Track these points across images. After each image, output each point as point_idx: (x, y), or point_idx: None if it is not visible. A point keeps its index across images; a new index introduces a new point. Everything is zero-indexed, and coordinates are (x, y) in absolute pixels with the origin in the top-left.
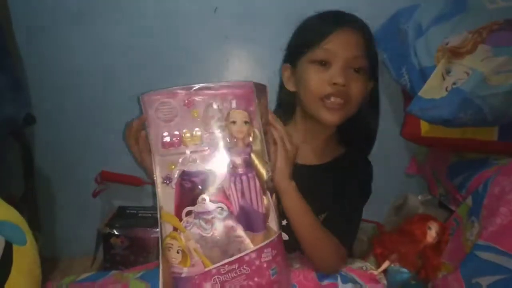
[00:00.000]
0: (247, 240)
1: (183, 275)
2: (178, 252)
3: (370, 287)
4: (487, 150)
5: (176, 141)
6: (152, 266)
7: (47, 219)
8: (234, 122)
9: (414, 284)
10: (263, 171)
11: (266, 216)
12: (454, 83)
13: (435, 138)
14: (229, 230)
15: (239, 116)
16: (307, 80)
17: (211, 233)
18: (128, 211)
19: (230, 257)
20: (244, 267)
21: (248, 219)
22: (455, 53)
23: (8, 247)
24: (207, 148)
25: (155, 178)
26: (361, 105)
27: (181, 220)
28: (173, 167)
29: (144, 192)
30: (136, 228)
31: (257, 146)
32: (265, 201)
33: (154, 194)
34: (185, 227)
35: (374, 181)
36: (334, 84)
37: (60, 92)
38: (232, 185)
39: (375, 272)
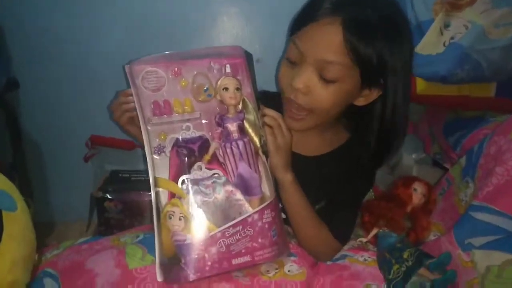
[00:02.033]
0: (246, 204)
1: (186, 242)
2: (180, 219)
3: (357, 256)
4: (484, 107)
5: (167, 109)
6: (149, 228)
7: (39, 185)
8: (226, 89)
9: (400, 247)
10: (256, 136)
11: (262, 181)
12: (452, 38)
13: (431, 96)
14: (229, 194)
15: (231, 82)
16: (279, 74)
17: (213, 197)
18: (120, 175)
19: (233, 220)
20: (248, 228)
21: (245, 184)
22: (454, 6)
23: None
24: (199, 115)
25: (146, 148)
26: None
27: None
28: (163, 136)
29: (137, 156)
30: (129, 192)
31: (249, 113)
32: (261, 166)
33: (146, 158)
34: (186, 193)
35: None
36: (294, 88)
37: (45, 55)
38: (228, 150)
39: (364, 240)
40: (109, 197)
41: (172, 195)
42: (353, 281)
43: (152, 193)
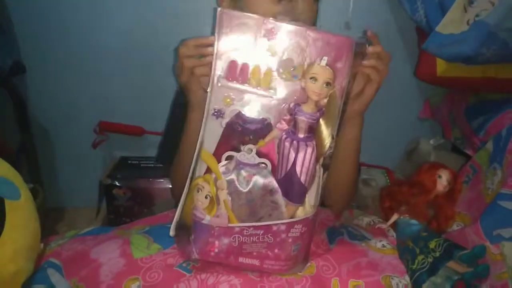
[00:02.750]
0: (282, 209)
1: (204, 222)
2: (206, 197)
3: (377, 240)
4: (509, 89)
5: (242, 74)
6: (155, 221)
7: (48, 171)
8: (314, 79)
9: (426, 236)
10: (324, 146)
11: (310, 193)
12: (477, 15)
13: (453, 78)
14: (266, 193)
15: (323, 74)
16: (254, 3)
17: (248, 190)
18: (129, 162)
19: (258, 220)
20: (269, 236)
21: (289, 187)
22: None
23: (0, 202)
24: (273, 96)
25: (206, 106)
26: None
27: (219, 162)
28: (228, 101)
29: (146, 142)
30: (138, 179)
31: (330, 113)
32: (315, 178)
33: (155, 144)
34: (222, 172)
35: (385, 127)
36: (279, 0)
37: (53, 40)
38: (287, 145)
39: (384, 226)
40: (117, 184)
41: (209, 170)
42: (371, 270)
43: (194, 157)
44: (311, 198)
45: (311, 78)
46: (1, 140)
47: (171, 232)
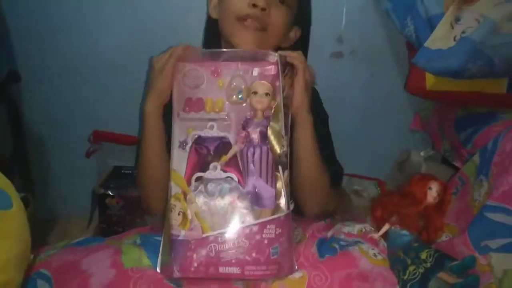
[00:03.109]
0: (252, 214)
1: (180, 238)
2: (179, 214)
3: (369, 246)
4: (495, 103)
5: (198, 106)
6: (145, 231)
7: (41, 180)
8: (255, 93)
9: (417, 246)
10: (277, 145)
11: (277, 194)
12: (463, 32)
13: (441, 92)
14: (234, 200)
15: (261, 87)
16: (228, 1)
17: (216, 200)
18: (123, 171)
19: (227, 226)
20: (243, 239)
21: (257, 193)
22: None
23: None
24: (226, 116)
25: (172, 140)
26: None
27: (189, 184)
28: (190, 130)
29: None
30: (131, 188)
31: (275, 120)
32: (277, 178)
33: None
34: (192, 190)
35: (377, 138)
36: (254, 5)
37: (47, 47)
38: (245, 156)
39: (375, 236)
40: (110, 194)
41: (182, 190)
42: (362, 282)
43: (169, 184)
44: (282, 200)
45: (253, 92)
46: None
47: (158, 268)
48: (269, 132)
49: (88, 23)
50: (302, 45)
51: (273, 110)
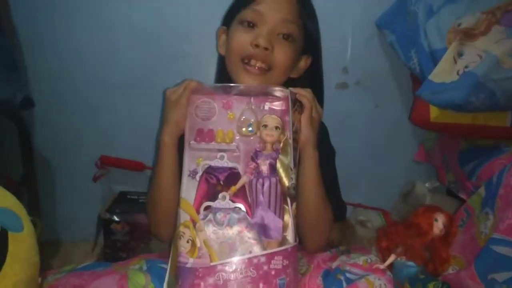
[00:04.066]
0: (260, 245)
1: (187, 265)
2: (188, 242)
3: (375, 277)
4: (499, 136)
5: (208, 137)
6: (151, 257)
7: (48, 204)
8: (265, 126)
9: (424, 278)
10: (286, 178)
11: (284, 226)
12: (466, 66)
13: (445, 124)
14: (242, 230)
15: (271, 121)
16: (232, 39)
17: (224, 229)
18: (129, 197)
19: (233, 256)
20: (251, 269)
21: (264, 224)
22: (468, 35)
23: (3, 234)
24: (236, 148)
25: (183, 168)
26: (296, 81)
27: (198, 213)
28: (200, 160)
29: (145, 177)
30: (136, 214)
31: (284, 153)
32: (285, 210)
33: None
34: (201, 218)
35: (382, 169)
36: (256, 45)
37: (59, 75)
38: (254, 187)
39: (381, 266)
40: (116, 219)
41: (191, 218)
42: None
43: (178, 211)
44: (289, 233)
45: (263, 125)
46: (5, 172)
47: None
48: (278, 165)
49: (99, 50)
50: (313, 72)
51: (282, 144)
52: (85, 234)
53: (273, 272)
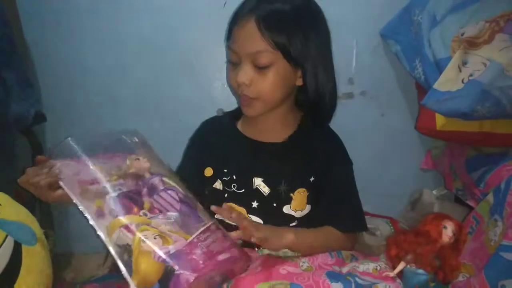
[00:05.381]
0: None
1: (172, 252)
2: (155, 238)
3: (386, 285)
4: (505, 143)
5: (93, 181)
6: None
7: (60, 216)
8: (138, 159)
9: (434, 286)
10: (178, 185)
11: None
12: (471, 75)
13: (451, 132)
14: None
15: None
16: (227, 77)
17: (172, 219)
18: None
19: (198, 229)
20: (215, 233)
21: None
22: (472, 44)
23: (17, 247)
24: (124, 181)
25: (89, 217)
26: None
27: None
28: (99, 202)
29: None
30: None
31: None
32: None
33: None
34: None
35: (389, 177)
36: (239, 83)
37: (70, 89)
38: (161, 200)
39: (391, 274)
40: None
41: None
42: None
43: (111, 249)
44: (202, 215)
45: (135, 159)
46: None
47: None
48: (166, 179)
49: (109, 67)
50: (310, 81)
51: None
52: (97, 246)
53: (225, 233)
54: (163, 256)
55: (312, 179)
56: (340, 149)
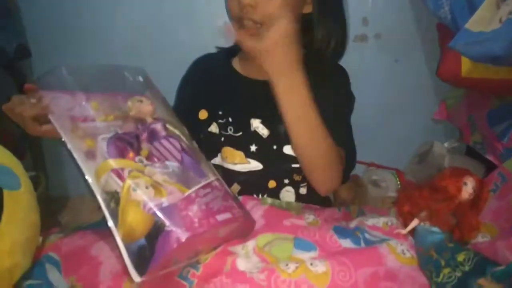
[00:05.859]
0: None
1: (164, 205)
2: (147, 188)
3: (398, 242)
4: None
5: (87, 118)
6: None
7: (55, 159)
8: (141, 101)
9: (452, 247)
10: (181, 133)
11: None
12: (510, 13)
13: (478, 79)
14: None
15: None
16: (227, 4)
17: (171, 168)
18: None
19: (199, 184)
20: (217, 189)
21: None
22: None
23: None
24: (121, 123)
25: (77, 158)
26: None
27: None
28: (91, 141)
29: None
30: None
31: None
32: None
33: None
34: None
35: (397, 127)
36: (241, 5)
37: (59, 24)
38: (161, 148)
39: (403, 232)
40: None
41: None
42: (390, 282)
43: (97, 194)
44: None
45: (138, 101)
46: (3, 126)
47: (135, 278)
48: (169, 126)
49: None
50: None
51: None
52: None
53: (228, 191)
54: (154, 208)
55: None
56: (343, 83)
